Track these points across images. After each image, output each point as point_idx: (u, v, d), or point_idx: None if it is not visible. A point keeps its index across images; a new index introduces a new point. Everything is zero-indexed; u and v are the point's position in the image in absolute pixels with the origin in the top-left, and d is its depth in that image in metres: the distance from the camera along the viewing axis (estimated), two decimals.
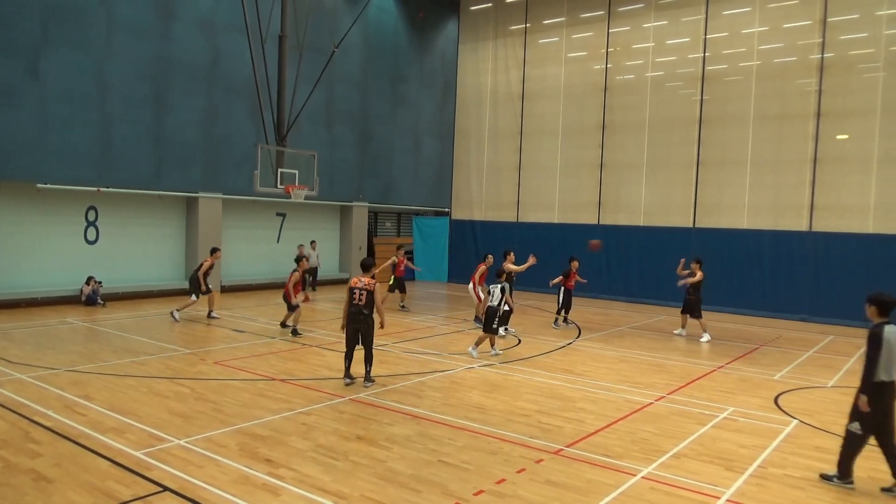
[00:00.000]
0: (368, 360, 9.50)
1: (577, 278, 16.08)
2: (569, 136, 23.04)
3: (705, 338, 14.48)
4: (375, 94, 25.49)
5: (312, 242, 21.99)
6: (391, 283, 17.81)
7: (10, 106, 15.42)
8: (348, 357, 9.52)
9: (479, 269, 15.55)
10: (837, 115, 18.03)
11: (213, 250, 15.55)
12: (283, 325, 13.98)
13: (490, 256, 15.93)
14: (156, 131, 18.36)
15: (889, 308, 6.22)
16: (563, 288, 15.83)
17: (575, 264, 16.05)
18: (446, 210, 27.12)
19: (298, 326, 13.48)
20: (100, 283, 17.12)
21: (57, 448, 6.62)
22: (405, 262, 18.14)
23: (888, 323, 6.16)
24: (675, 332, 15.30)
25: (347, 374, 9.49)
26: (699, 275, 14.51)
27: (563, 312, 15.93)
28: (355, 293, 9.35)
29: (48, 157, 16.14)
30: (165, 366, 10.34)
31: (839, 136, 18.08)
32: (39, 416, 7.59)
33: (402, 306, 17.79)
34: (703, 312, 14.66)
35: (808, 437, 7.78)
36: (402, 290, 17.74)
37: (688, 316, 14.84)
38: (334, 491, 5.78)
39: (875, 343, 6.06)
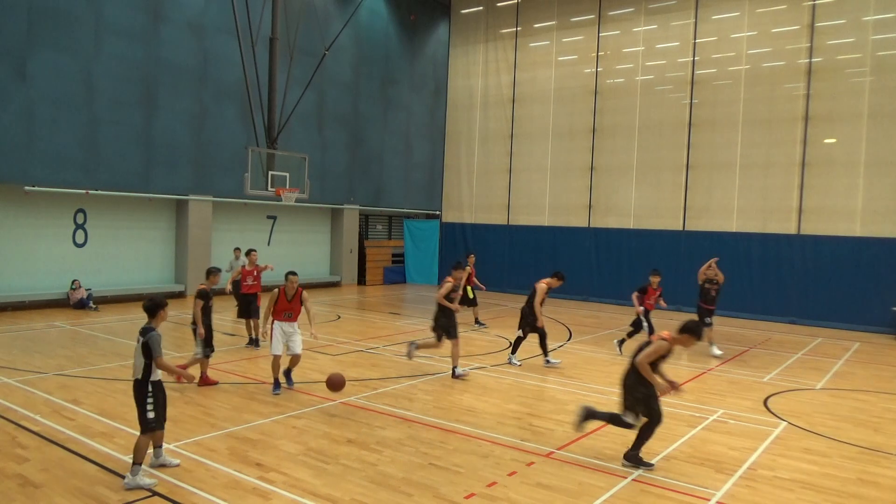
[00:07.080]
0: None
1: (473, 279, 14.36)
2: (559, 139, 23.10)
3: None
4: (366, 97, 25.48)
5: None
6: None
7: None
8: None
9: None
10: (825, 119, 18.18)
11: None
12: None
13: (468, 259, 14.48)
14: (145, 134, 18.27)
15: None
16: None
17: (471, 259, 14.63)
18: (437, 213, 27.12)
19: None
20: (76, 287, 16.79)
21: (44, 453, 6.56)
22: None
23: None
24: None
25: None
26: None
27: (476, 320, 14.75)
28: None
29: (36, 159, 16.02)
30: None
31: (827, 140, 18.24)
32: (27, 421, 7.52)
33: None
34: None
35: (797, 439, 7.82)
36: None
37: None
38: (325, 495, 5.76)
39: None
